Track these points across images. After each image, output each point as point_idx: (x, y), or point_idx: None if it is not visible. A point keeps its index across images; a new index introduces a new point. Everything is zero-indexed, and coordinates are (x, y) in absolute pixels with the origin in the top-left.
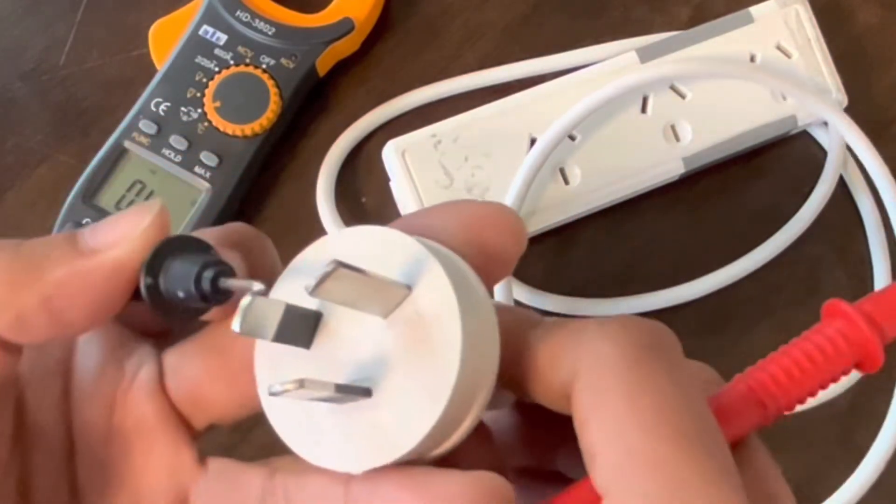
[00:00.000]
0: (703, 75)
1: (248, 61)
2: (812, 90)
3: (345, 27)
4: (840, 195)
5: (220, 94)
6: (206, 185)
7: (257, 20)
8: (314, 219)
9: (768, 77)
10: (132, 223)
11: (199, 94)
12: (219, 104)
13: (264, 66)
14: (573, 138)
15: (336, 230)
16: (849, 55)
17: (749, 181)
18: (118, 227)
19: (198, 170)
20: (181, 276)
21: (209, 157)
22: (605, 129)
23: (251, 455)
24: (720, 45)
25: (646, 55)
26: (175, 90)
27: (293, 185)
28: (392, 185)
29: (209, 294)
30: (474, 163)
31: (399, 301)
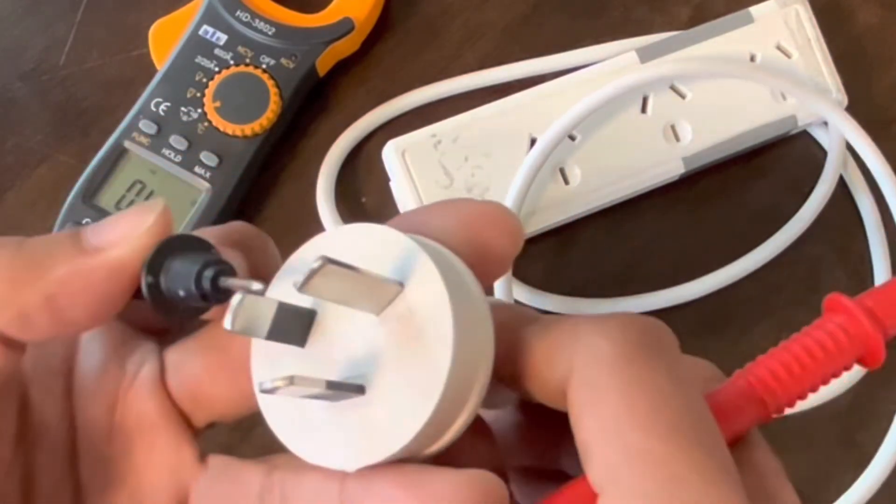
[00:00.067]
0: (703, 75)
1: (248, 61)
2: (812, 90)
3: (345, 27)
4: (840, 195)
5: (220, 94)
6: (206, 185)
7: (257, 20)
8: (314, 219)
9: (768, 77)
10: (135, 222)
11: (199, 94)
12: (219, 104)
13: (264, 66)
14: (573, 138)
15: (333, 228)
16: (849, 55)
17: (749, 181)
18: (120, 226)
19: (198, 170)
20: (182, 275)
21: (209, 157)
22: (605, 129)
23: (251, 454)
24: (720, 45)
25: (646, 55)
26: (175, 90)
27: (293, 185)
28: (392, 185)
29: (209, 293)
30: (474, 163)
31: (391, 298)
